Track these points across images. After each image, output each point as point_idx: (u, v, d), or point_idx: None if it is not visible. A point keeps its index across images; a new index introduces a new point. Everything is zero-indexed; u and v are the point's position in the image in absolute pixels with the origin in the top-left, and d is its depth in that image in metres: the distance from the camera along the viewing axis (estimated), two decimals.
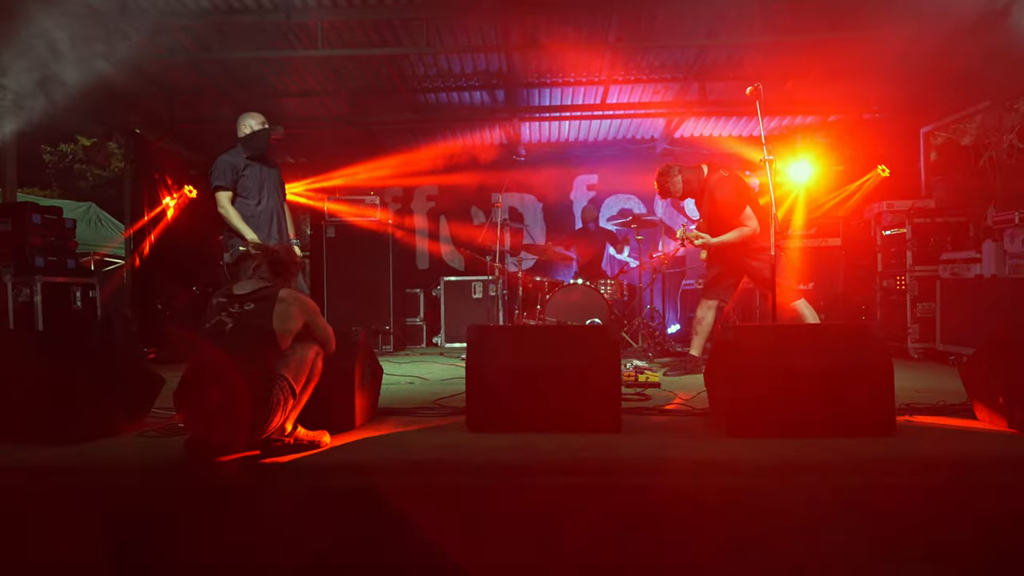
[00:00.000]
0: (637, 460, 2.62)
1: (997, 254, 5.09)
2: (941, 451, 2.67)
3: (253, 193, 4.82)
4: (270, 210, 4.88)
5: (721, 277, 5.00)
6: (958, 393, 3.59)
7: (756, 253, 4.75)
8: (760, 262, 4.71)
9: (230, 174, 4.74)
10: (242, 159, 4.83)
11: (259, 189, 4.85)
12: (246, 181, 4.80)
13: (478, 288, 7.76)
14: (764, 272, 4.66)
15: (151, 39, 5.27)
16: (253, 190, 4.82)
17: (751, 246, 4.76)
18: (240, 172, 4.77)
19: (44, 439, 2.94)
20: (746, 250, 4.78)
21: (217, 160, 4.81)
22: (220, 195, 4.72)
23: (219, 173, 4.74)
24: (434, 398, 4.07)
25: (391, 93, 7.20)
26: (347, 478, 2.57)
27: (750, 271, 4.85)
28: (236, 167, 4.78)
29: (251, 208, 4.81)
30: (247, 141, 4.86)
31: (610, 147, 8.78)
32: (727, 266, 4.96)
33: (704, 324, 5.00)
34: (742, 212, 4.68)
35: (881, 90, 6.90)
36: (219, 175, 4.73)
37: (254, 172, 4.85)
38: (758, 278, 4.81)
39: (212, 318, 2.76)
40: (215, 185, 4.74)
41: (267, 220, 4.86)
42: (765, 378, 2.99)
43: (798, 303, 4.72)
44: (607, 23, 5.83)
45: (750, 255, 4.79)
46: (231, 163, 4.77)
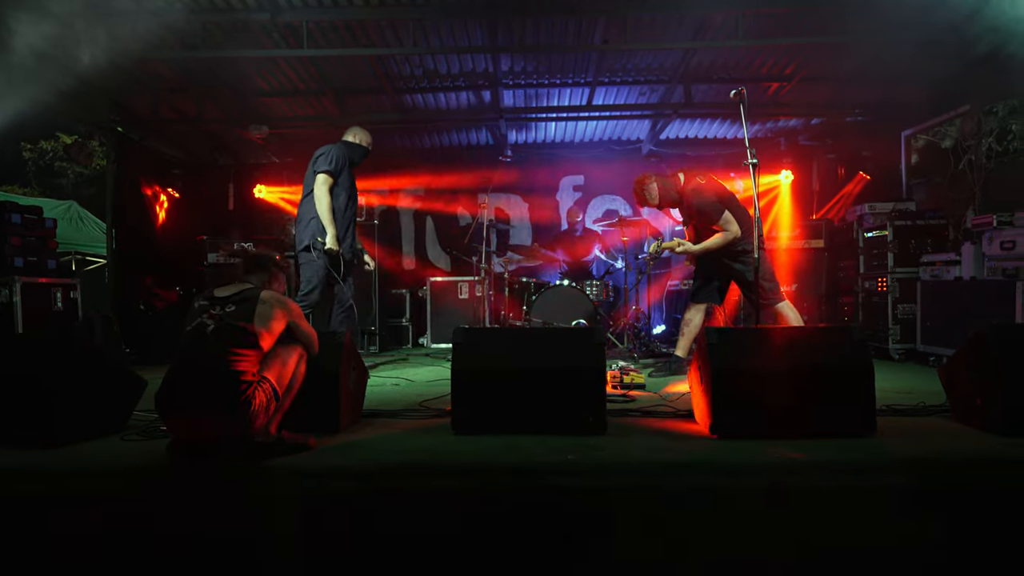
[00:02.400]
0: (623, 461, 2.63)
1: (976, 256, 5.17)
2: (920, 452, 2.70)
3: (346, 193, 4.80)
4: (352, 217, 4.89)
5: (708, 281, 5.02)
6: (938, 394, 3.63)
7: (738, 256, 4.80)
8: (743, 264, 4.76)
9: (341, 163, 4.67)
10: (347, 158, 4.81)
11: (350, 193, 4.85)
12: (344, 179, 4.77)
13: (464, 289, 7.76)
14: (747, 275, 4.71)
15: (135, 37, 5.21)
16: (347, 191, 4.81)
17: (733, 249, 4.79)
18: (344, 168, 4.74)
19: (23, 442, 2.91)
20: (729, 253, 4.82)
21: (327, 147, 4.77)
22: (324, 177, 4.65)
23: (332, 158, 4.68)
24: (419, 400, 4.06)
25: (377, 93, 7.19)
26: (332, 481, 2.56)
27: (734, 274, 4.89)
28: (345, 162, 4.72)
29: (342, 206, 4.78)
30: (352, 148, 4.84)
31: (596, 148, 8.81)
32: (713, 270, 4.99)
33: (691, 326, 5.02)
34: (721, 217, 4.71)
35: (863, 94, 6.98)
36: (331, 160, 4.67)
37: (350, 176, 4.84)
38: (741, 281, 4.85)
39: (193, 320, 2.74)
40: (324, 168, 4.65)
41: (348, 224, 4.87)
42: (747, 380, 3.02)
43: (781, 305, 4.76)
44: (593, 25, 5.86)
45: (733, 258, 4.83)
46: (343, 155, 4.71)
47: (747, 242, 4.70)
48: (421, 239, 9.06)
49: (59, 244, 6.01)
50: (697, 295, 5.05)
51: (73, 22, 4.88)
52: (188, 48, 5.78)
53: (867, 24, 5.50)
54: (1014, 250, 4.81)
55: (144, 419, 3.39)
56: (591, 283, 7.03)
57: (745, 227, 4.69)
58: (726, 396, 3.01)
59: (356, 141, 4.87)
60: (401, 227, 9.03)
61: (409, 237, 9.05)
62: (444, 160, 9.03)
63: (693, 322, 5.01)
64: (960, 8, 4.95)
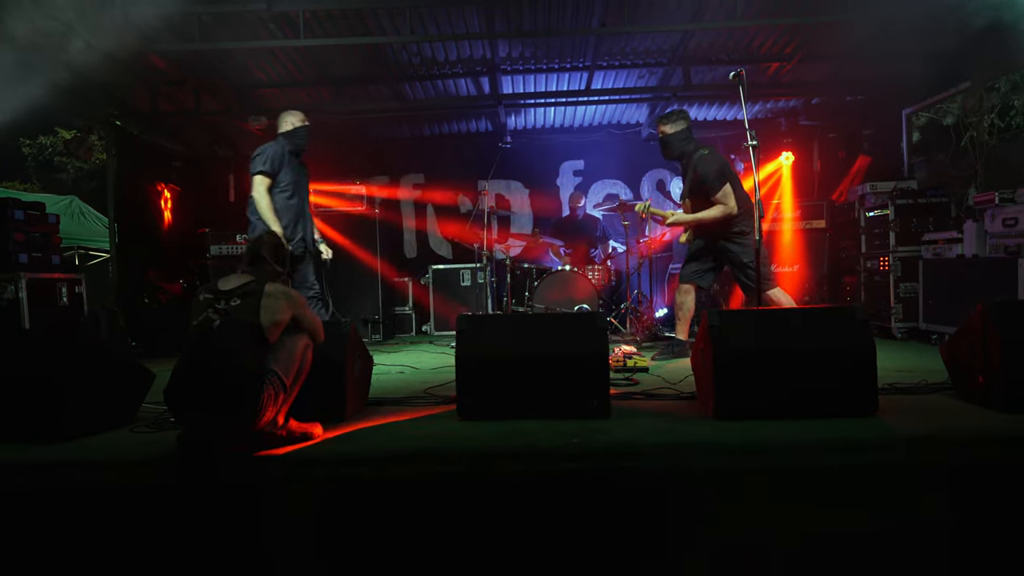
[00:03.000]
0: (628, 444, 2.65)
1: (978, 234, 5.17)
2: (922, 430, 2.72)
3: (289, 187, 4.81)
4: (300, 207, 4.88)
5: (699, 262, 4.99)
6: (940, 372, 3.65)
7: (733, 236, 4.74)
8: (738, 246, 4.72)
9: (276, 162, 4.72)
10: (285, 152, 4.83)
11: (294, 185, 4.85)
12: (285, 175, 4.79)
13: (466, 276, 7.77)
14: (741, 257, 4.68)
15: (131, 30, 5.20)
16: (289, 184, 4.82)
17: (729, 229, 4.73)
18: (283, 163, 4.77)
19: (35, 437, 2.94)
20: (724, 233, 4.76)
21: (263, 147, 4.80)
22: (260, 179, 4.69)
23: (265, 159, 4.71)
24: (424, 387, 4.09)
25: (375, 82, 7.17)
26: (341, 468, 2.59)
27: (728, 255, 4.81)
28: (280, 157, 4.76)
29: (283, 201, 4.80)
30: (290, 136, 4.86)
31: (596, 133, 8.80)
32: (704, 249, 4.96)
33: (685, 309, 5.02)
34: (721, 190, 4.63)
35: (864, 72, 6.95)
36: (265, 160, 4.71)
37: (292, 167, 4.86)
38: (736, 263, 4.77)
39: (199, 315, 2.75)
40: (258, 169, 4.69)
41: (295, 216, 4.86)
42: (750, 361, 3.03)
43: (773, 291, 4.72)
44: (591, 9, 5.83)
45: (728, 239, 4.77)
46: (277, 152, 4.75)
47: (744, 223, 4.68)
48: (422, 227, 9.07)
49: (62, 239, 6.03)
50: (687, 275, 5.02)
51: (69, 17, 4.87)
52: (184, 40, 5.76)
53: (866, 2, 5.46)
54: (1016, 227, 4.80)
55: (153, 411, 3.42)
56: (593, 268, 7.04)
57: (744, 207, 4.66)
58: (728, 378, 3.03)
59: (291, 128, 4.85)
60: (402, 215, 9.03)
61: (410, 225, 9.06)
62: (444, 148, 9.02)
63: (685, 305, 5.01)
64: None
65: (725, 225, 4.73)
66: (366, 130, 8.60)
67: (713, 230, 4.80)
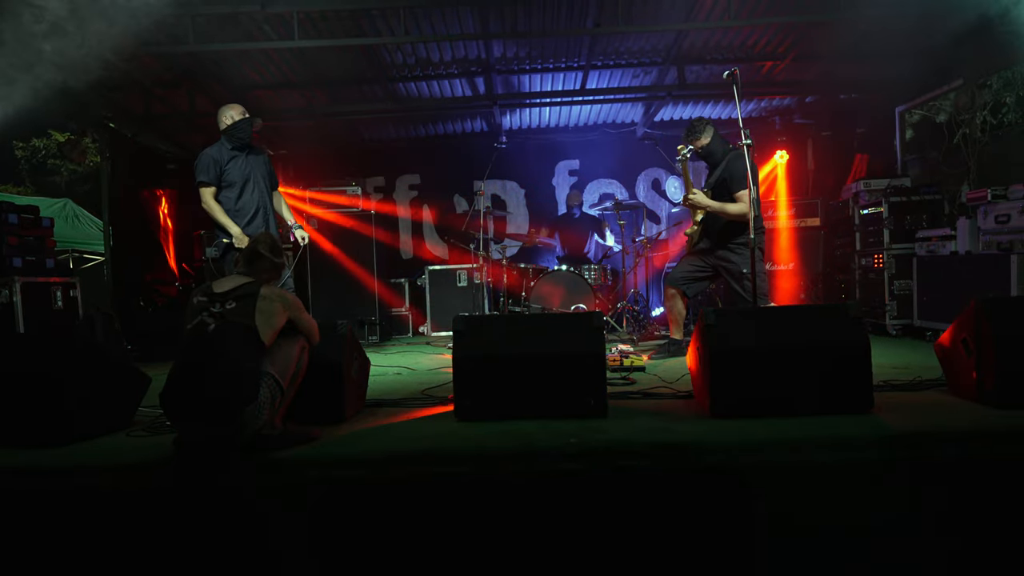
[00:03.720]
0: (626, 444, 2.66)
1: (971, 231, 5.19)
2: (917, 426, 2.74)
3: (237, 185, 4.76)
4: (255, 201, 4.82)
5: (691, 265, 4.96)
6: (935, 369, 3.67)
7: (737, 246, 4.72)
8: (739, 256, 4.69)
9: (213, 169, 4.70)
10: (226, 151, 4.78)
11: (244, 181, 4.79)
12: (230, 174, 4.75)
13: (462, 277, 7.77)
14: (741, 267, 4.64)
15: (125, 32, 5.18)
16: (237, 182, 4.77)
17: (735, 237, 4.71)
18: (223, 165, 4.73)
19: (31, 441, 2.94)
20: (730, 238, 4.74)
21: (200, 155, 4.77)
22: (203, 191, 4.69)
23: (202, 168, 4.70)
24: (421, 388, 4.09)
25: (370, 83, 7.17)
26: (339, 470, 2.60)
27: (725, 264, 4.78)
28: (219, 161, 4.73)
29: (232, 201, 4.76)
30: (230, 132, 4.81)
31: (591, 132, 8.81)
32: (703, 254, 4.93)
33: (676, 311, 5.03)
34: (742, 190, 4.53)
35: (857, 70, 6.97)
36: (202, 170, 4.70)
37: (238, 164, 4.79)
38: (733, 273, 4.74)
39: (194, 318, 2.75)
40: (198, 180, 4.70)
41: (252, 211, 4.80)
42: (745, 360, 3.05)
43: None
44: (585, 9, 5.83)
45: (731, 247, 4.74)
46: (213, 157, 4.73)
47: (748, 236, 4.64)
48: (418, 227, 9.07)
49: (56, 243, 6.01)
50: (675, 279, 4.99)
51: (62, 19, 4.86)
52: (178, 42, 5.75)
53: (858, 1, 5.48)
54: (1008, 223, 4.83)
55: (149, 415, 3.42)
56: (589, 267, 7.05)
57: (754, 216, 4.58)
58: (725, 376, 3.04)
59: (229, 123, 4.80)
60: (398, 216, 9.02)
61: (406, 226, 9.06)
62: (439, 148, 9.02)
63: (675, 308, 5.02)
64: None
65: (734, 228, 4.70)
66: (361, 131, 8.59)
67: (721, 231, 4.77)
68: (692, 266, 4.97)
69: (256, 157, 4.93)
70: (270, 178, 5.02)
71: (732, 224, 4.70)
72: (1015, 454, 2.56)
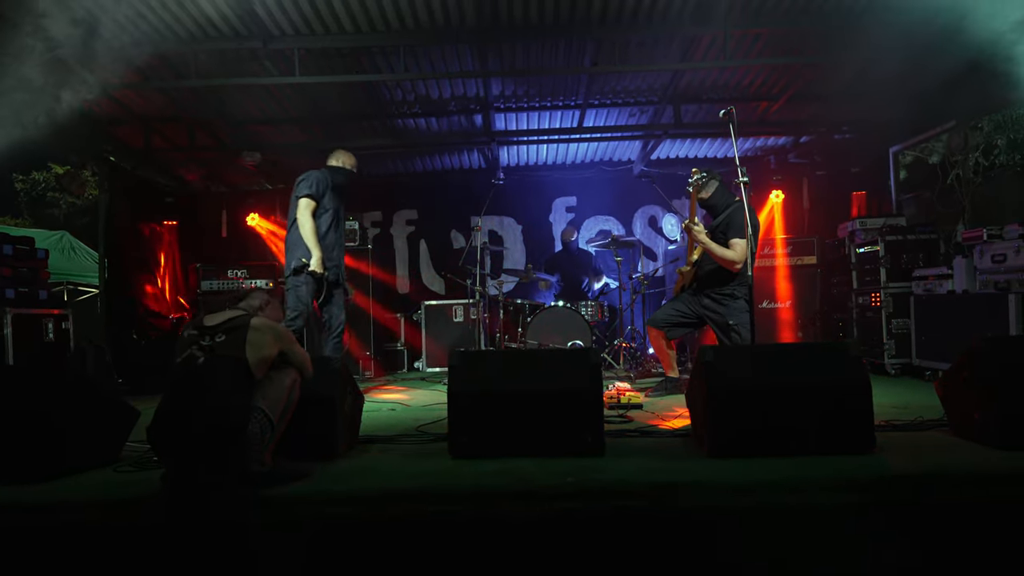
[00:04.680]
0: (624, 483, 2.61)
1: (968, 270, 5.20)
2: (920, 467, 2.69)
3: (328, 217, 4.88)
4: (336, 240, 4.94)
5: (677, 310, 4.91)
6: (935, 408, 3.64)
7: (723, 298, 4.67)
8: (724, 308, 4.63)
9: (321, 186, 4.76)
10: (330, 181, 4.89)
11: (335, 217, 4.92)
12: (327, 202, 4.84)
13: (459, 312, 7.74)
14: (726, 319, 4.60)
15: (127, 66, 5.24)
16: (330, 214, 4.88)
17: (722, 284, 4.67)
18: (328, 191, 4.83)
19: (15, 475, 2.87)
20: (715, 287, 4.71)
21: (311, 172, 4.88)
22: (305, 202, 4.75)
23: (312, 182, 4.79)
24: (416, 424, 4.03)
25: (369, 119, 7.23)
26: (331, 508, 2.53)
27: (710, 314, 4.73)
28: (326, 184, 4.82)
29: (321, 232, 4.83)
30: (333, 171, 4.91)
31: (588, 169, 8.86)
32: (690, 299, 4.88)
33: (663, 351, 5.00)
34: (736, 238, 4.51)
35: (851, 111, 7.06)
36: (311, 184, 4.77)
37: (334, 199, 4.92)
38: (718, 324, 4.68)
39: (183, 351, 2.71)
40: (304, 193, 4.75)
41: (332, 248, 4.91)
42: (744, 398, 3.01)
43: None
44: (582, 48, 5.93)
45: (716, 297, 4.70)
46: (325, 178, 4.81)
47: (738, 288, 4.61)
48: (415, 263, 9.05)
49: (51, 274, 5.98)
50: (659, 320, 4.93)
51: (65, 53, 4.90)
52: (180, 77, 5.81)
53: (852, 44, 5.58)
54: (1005, 263, 4.84)
55: (137, 450, 3.35)
56: (586, 304, 7.03)
57: (744, 270, 4.49)
58: (723, 415, 3.00)
59: (339, 164, 4.94)
60: (395, 251, 9.02)
61: (403, 261, 9.04)
62: (437, 183, 9.06)
63: (662, 347, 4.98)
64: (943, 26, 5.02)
65: (722, 277, 4.66)
66: (359, 166, 8.61)
67: (708, 276, 4.75)
68: (675, 311, 4.92)
69: (341, 201, 5.05)
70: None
71: (720, 272, 4.66)
72: (1019, 497, 2.51)
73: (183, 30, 5.32)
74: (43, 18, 4.68)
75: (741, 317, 4.50)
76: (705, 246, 4.65)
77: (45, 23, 4.69)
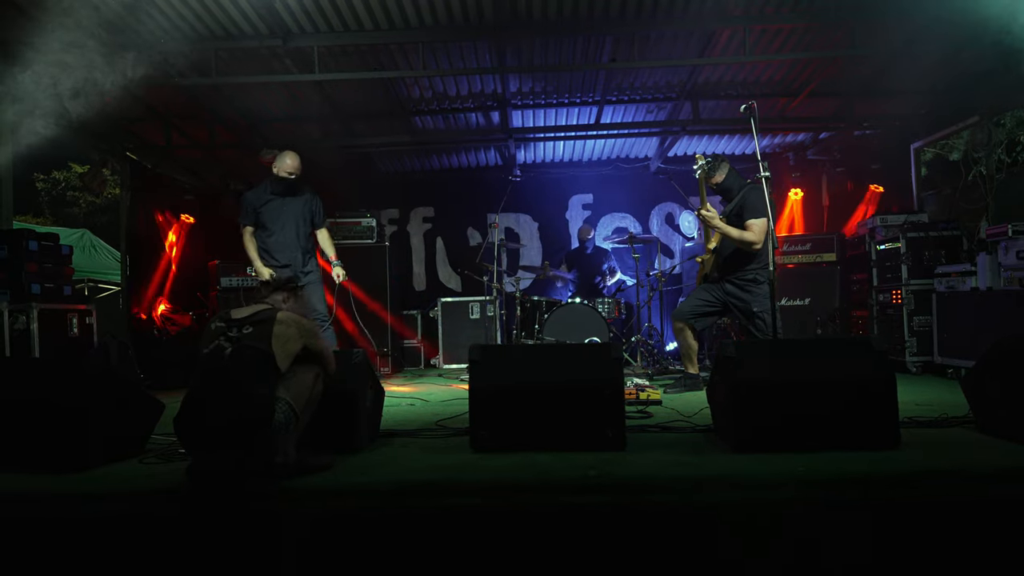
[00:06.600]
0: (646, 478, 2.60)
1: (991, 266, 5.13)
2: (946, 464, 2.66)
3: (268, 225, 5.15)
4: (281, 243, 5.15)
5: (701, 299, 4.89)
6: (959, 405, 3.60)
7: (746, 284, 4.67)
8: (748, 294, 4.63)
9: (249, 210, 5.14)
10: (266, 194, 5.17)
11: (274, 223, 5.15)
12: (264, 215, 5.14)
13: (475, 309, 7.75)
14: (751, 305, 4.59)
15: (148, 65, 5.29)
16: (269, 223, 5.15)
17: (744, 269, 4.66)
18: (258, 208, 5.14)
19: (44, 467, 2.91)
20: (737, 273, 4.69)
21: (242, 197, 5.26)
22: (243, 231, 5.15)
23: (242, 209, 5.18)
24: (435, 419, 4.05)
25: (387, 116, 7.26)
26: (354, 499, 2.55)
27: (735, 301, 4.71)
28: (255, 203, 5.14)
29: (264, 239, 5.15)
30: (271, 179, 5.19)
31: (605, 166, 8.85)
32: (712, 288, 4.87)
33: (685, 346, 4.96)
34: (758, 218, 4.49)
35: (871, 107, 7.00)
36: (242, 212, 5.17)
37: (275, 206, 5.17)
38: (744, 311, 4.68)
39: (210, 343, 2.74)
40: (238, 221, 5.18)
41: (281, 249, 5.14)
42: (767, 393, 2.99)
43: None
44: (600, 44, 5.91)
45: (739, 284, 4.69)
46: (249, 200, 5.17)
47: (760, 272, 4.61)
48: (432, 260, 9.08)
49: (74, 271, 6.04)
50: (683, 313, 4.92)
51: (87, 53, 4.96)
52: (201, 75, 5.86)
53: (873, 39, 5.53)
54: None
55: (162, 442, 3.39)
56: (603, 301, 7.02)
57: (765, 252, 4.51)
58: (746, 410, 2.98)
59: (274, 171, 5.17)
60: (412, 248, 9.06)
61: (420, 258, 9.08)
62: (453, 181, 9.08)
63: (686, 341, 4.95)
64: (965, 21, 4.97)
65: (742, 259, 4.66)
66: (377, 163, 8.68)
67: (729, 259, 4.74)
68: (700, 300, 4.91)
69: (295, 199, 5.24)
70: (309, 217, 5.33)
71: (739, 254, 4.66)
72: None
73: (204, 28, 5.38)
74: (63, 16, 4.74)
75: (765, 304, 4.45)
76: (721, 230, 4.65)
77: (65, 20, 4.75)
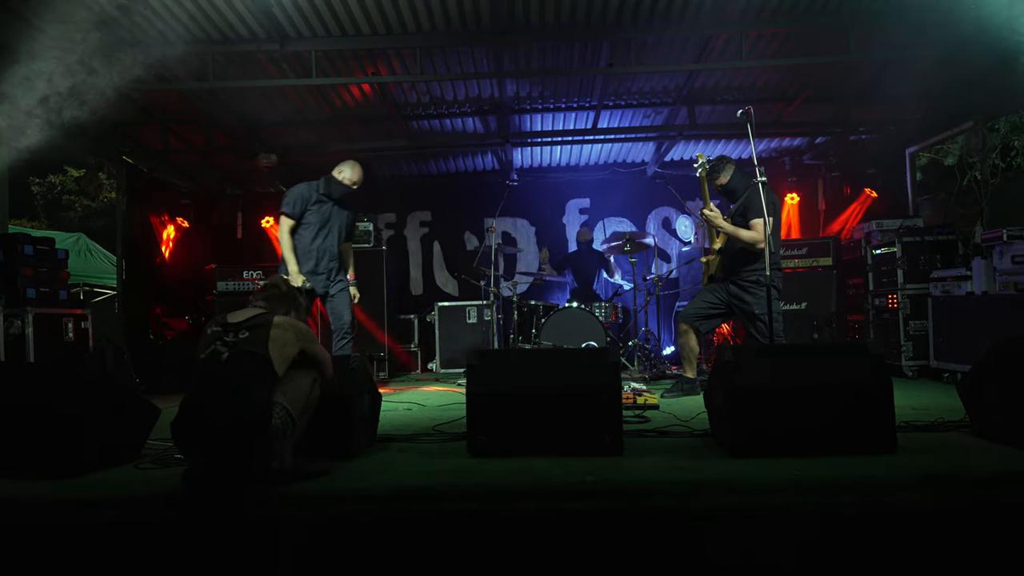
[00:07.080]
0: (644, 482, 2.60)
1: (987, 271, 5.15)
2: (943, 468, 2.67)
3: (312, 229, 4.92)
4: (324, 249, 4.95)
5: (705, 301, 4.89)
6: (955, 410, 3.61)
7: (750, 285, 4.66)
8: (752, 296, 4.62)
9: (299, 204, 4.86)
10: (317, 193, 4.95)
11: (320, 227, 4.94)
12: (311, 216, 4.91)
13: (472, 313, 7.75)
14: (753, 308, 4.58)
15: (145, 69, 5.29)
16: (314, 226, 4.92)
17: (747, 276, 4.66)
18: (309, 205, 4.90)
19: (40, 473, 2.90)
20: (741, 274, 4.70)
21: (293, 187, 4.96)
22: (283, 220, 4.85)
23: (290, 200, 4.87)
24: (432, 424, 4.04)
25: (384, 120, 7.26)
26: (351, 505, 2.54)
27: (739, 303, 4.71)
28: (307, 199, 4.90)
29: (305, 243, 4.90)
30: (327, 181, 4.98)
31: (601, 171, 8.87)
32: (716, 289, 4.88)
33: (687, 349, 4.95)
34: (760, 217, 4.39)
35: (866, 112, 7.03)
36: (289, 202, 4.87)
37: (323, 209, 4.96)
38: (747, 313, 4.68)
39: (207, 347, 2.73)
40: (282, 210, 4.88)
41: (317, 257, 4.93)
42: (764, 398, 2.99)
43: None
44: (597, 49, 5.93)
45: (743, 286, 4.69)
46: (303, 194, 4.90)
47: (763, 272, 4.61)
48: (429, 264, 9.08)
49: (70, 275, 6.03)
50: (688, 316, 4.92)
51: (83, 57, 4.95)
52: (198, 79, 5.86)
53: (868, 44, 5.55)
54: None
55: (158, 448, 3.38)
56: (600, 305, 7.02)
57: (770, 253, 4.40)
58: (743, 414, 2.98)
59: (338, 176, 4.98)
60: (408, 252, 9.05)
61: (417, 262, 9.07)
62: (450, 185, 9.09)
63: (687, 345, 4.95)
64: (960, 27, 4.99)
65: (747, 257, 4.65)
66: (374, 167, 8.68)
67: (733, 259, 4.74)
68: (705, 303, 4.91)
69: (342, 211, 5.08)
70: (349, 231, 5.19)
71: (744, 253, 4.65)
72: None
73: (201, 32, 5.37)
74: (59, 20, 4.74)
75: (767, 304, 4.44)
76: (724, 230, 4.64)
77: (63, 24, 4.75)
